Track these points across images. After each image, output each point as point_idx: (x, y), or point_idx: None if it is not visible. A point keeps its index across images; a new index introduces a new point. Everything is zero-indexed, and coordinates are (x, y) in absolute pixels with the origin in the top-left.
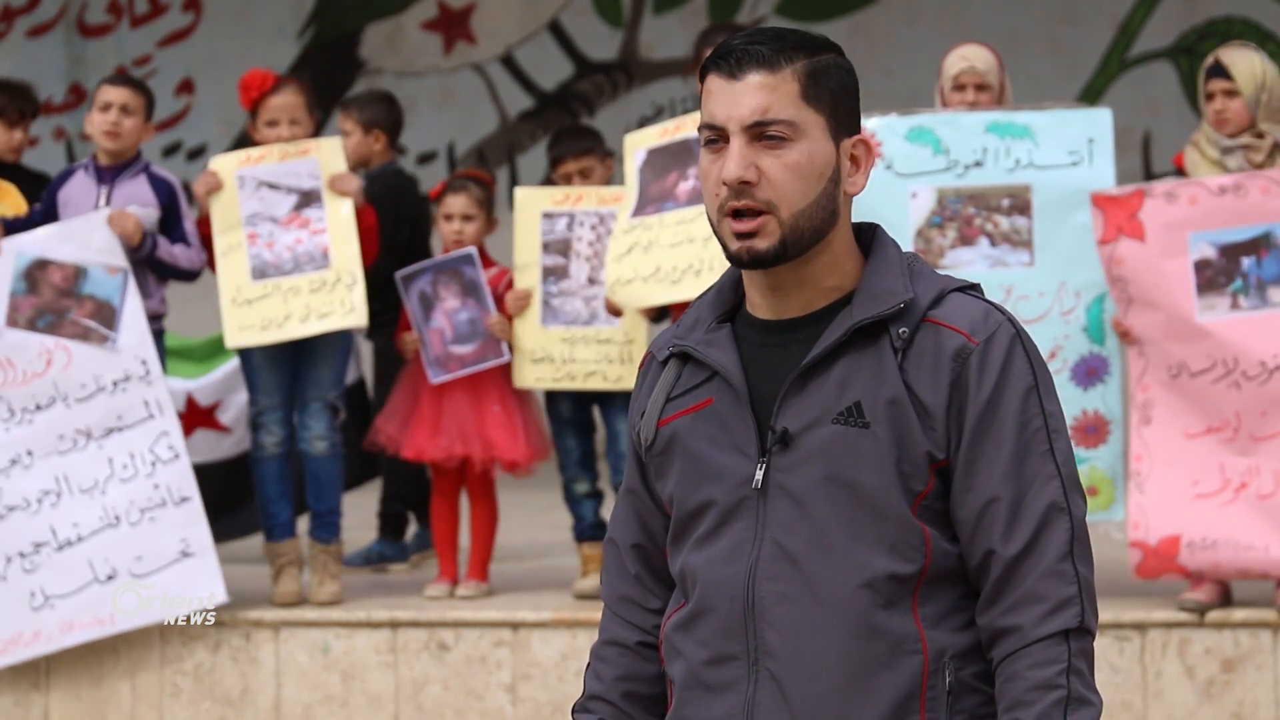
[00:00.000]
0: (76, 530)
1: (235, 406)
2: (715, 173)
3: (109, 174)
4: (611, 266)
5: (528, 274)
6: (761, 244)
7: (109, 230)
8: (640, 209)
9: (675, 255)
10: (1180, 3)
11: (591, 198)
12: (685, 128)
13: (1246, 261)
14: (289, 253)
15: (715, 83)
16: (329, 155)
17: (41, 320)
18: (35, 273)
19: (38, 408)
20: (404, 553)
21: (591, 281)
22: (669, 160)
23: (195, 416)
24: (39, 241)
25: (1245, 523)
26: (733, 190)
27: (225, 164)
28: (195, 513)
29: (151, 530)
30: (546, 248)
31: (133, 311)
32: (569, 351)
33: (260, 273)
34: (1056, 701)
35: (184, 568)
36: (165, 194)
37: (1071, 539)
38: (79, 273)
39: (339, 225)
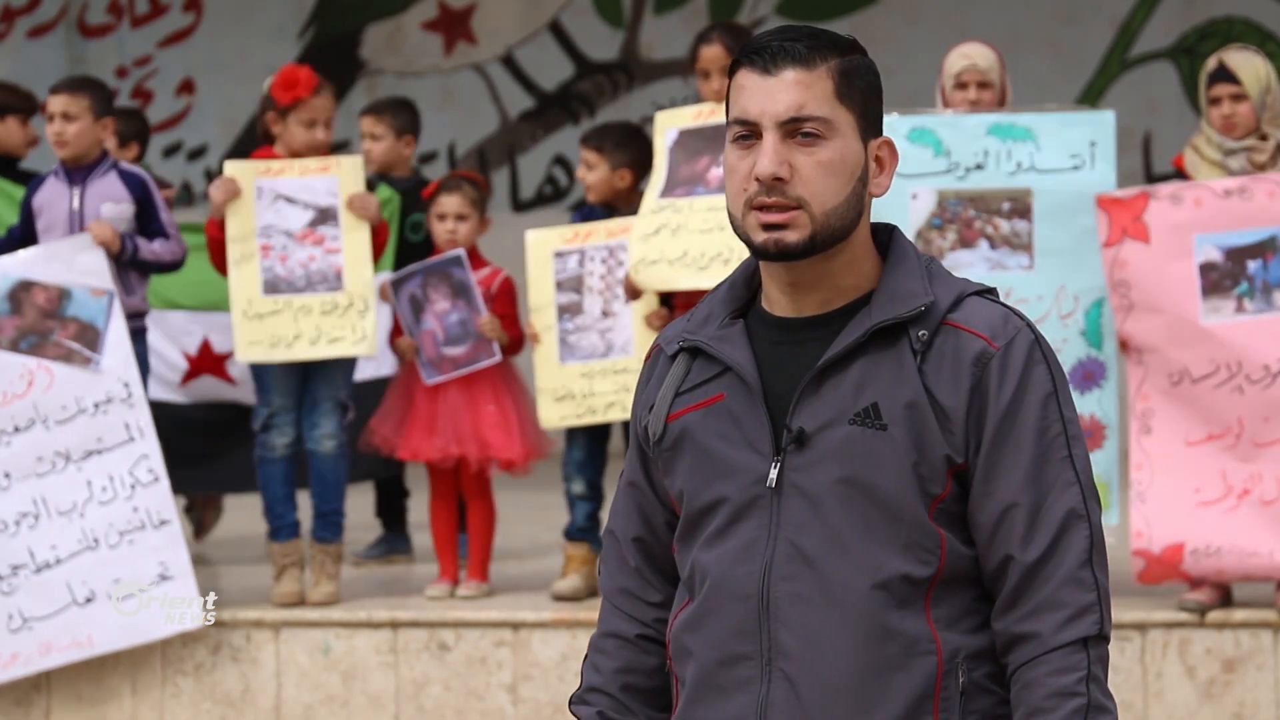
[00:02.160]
0: (55, 553)
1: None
2: (745, 168)
3: (78, 175)
4: (636, 245)
5: (544, 314)
6: (791, 237)
7: (94, 252)
8: (669, 190)
9: (704, 241)
10: (1181, 3)
11: (600, 232)
12: (720, 113)
13: (1252, 265)
14: (301, 269)
15: (748, 78)
16: (349, 174)
17: (25, 341)
18: (19, 294)
19: (16, 430)
20: (409, 544)
21: (605, 314)
22: (701, 144)
23: (206, 361)
24: (23, 263)
25: (1249, 529)
26: (764, 186)
27: (243, 171)
28: (174, 536)
29: (130, 553)
30: (560, 286)
31: (116, 333)
32: (588, 386)
33: (272, 287)
34: (1077, 709)
35: (161, 591)
36: (138, 188)
37: (1090, 546)
38: (63, 294)
39: (355, 248)
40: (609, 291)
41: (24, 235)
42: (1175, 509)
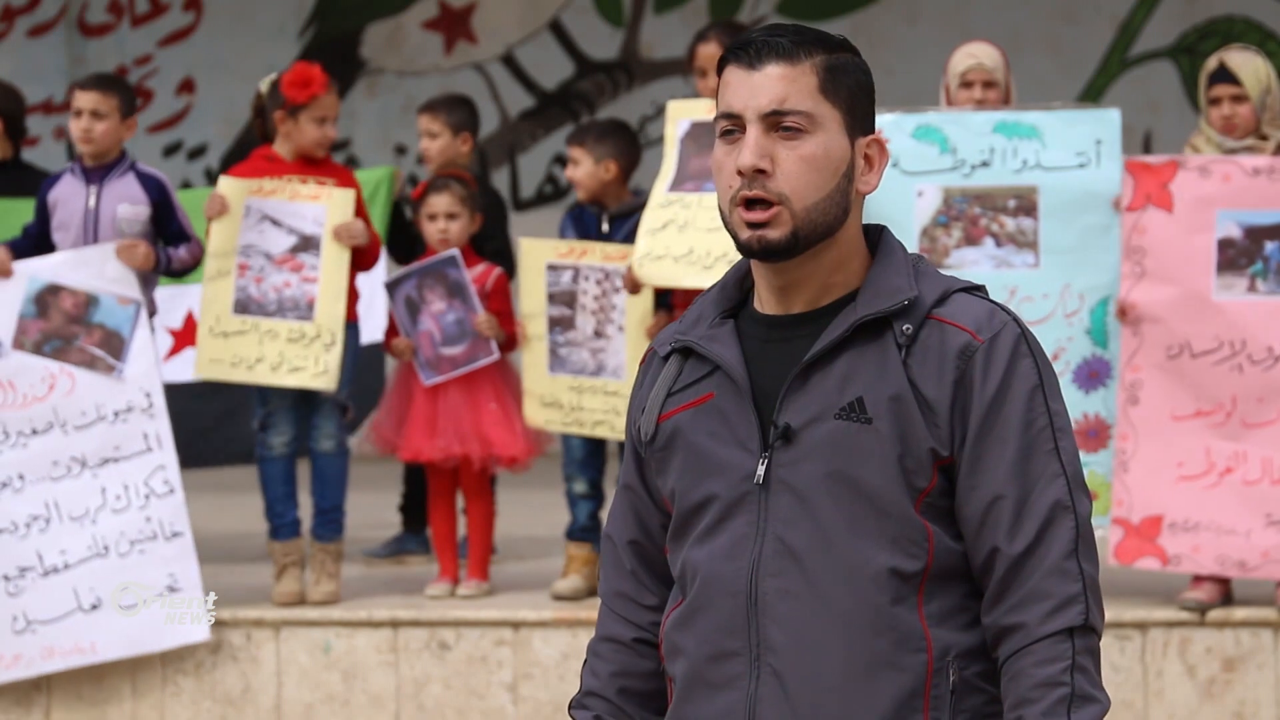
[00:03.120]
0: (64, 557)
1: None
2: (730, 163)
3: (96, 174)
4: (643, 239)
5: (535, 323)
6: (773, 234)
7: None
8: (679, 183)
9: (710, 240)
10: (1181, 2)
11: (596, 253)
12: None
13: (1270, 245)
14: (275, 293)
15: (734, 73)
16: (339, 207)
17: (48, 345)
18: (47, 297)
19: (34, 432)
20: (427, 545)
21: (598, 334)
22: (713, 137)
23: (189, 333)
24: (53, 267)
25: (1228, 507)
26: (747, 179)
27: (235, 189)
28: (186, 548)
29: (140, 562)
30: (552, 298)
31: (141, 343)
32: (577, 399)
33: (242, 307)
34: (1060, 699)
35: (168, 603)
36: (155, 191)
37: (1076, 537)
38: (90, 300)
39: (332, 280)
40: (602, 314)
41: (40, 232)
42: (1156, 480)
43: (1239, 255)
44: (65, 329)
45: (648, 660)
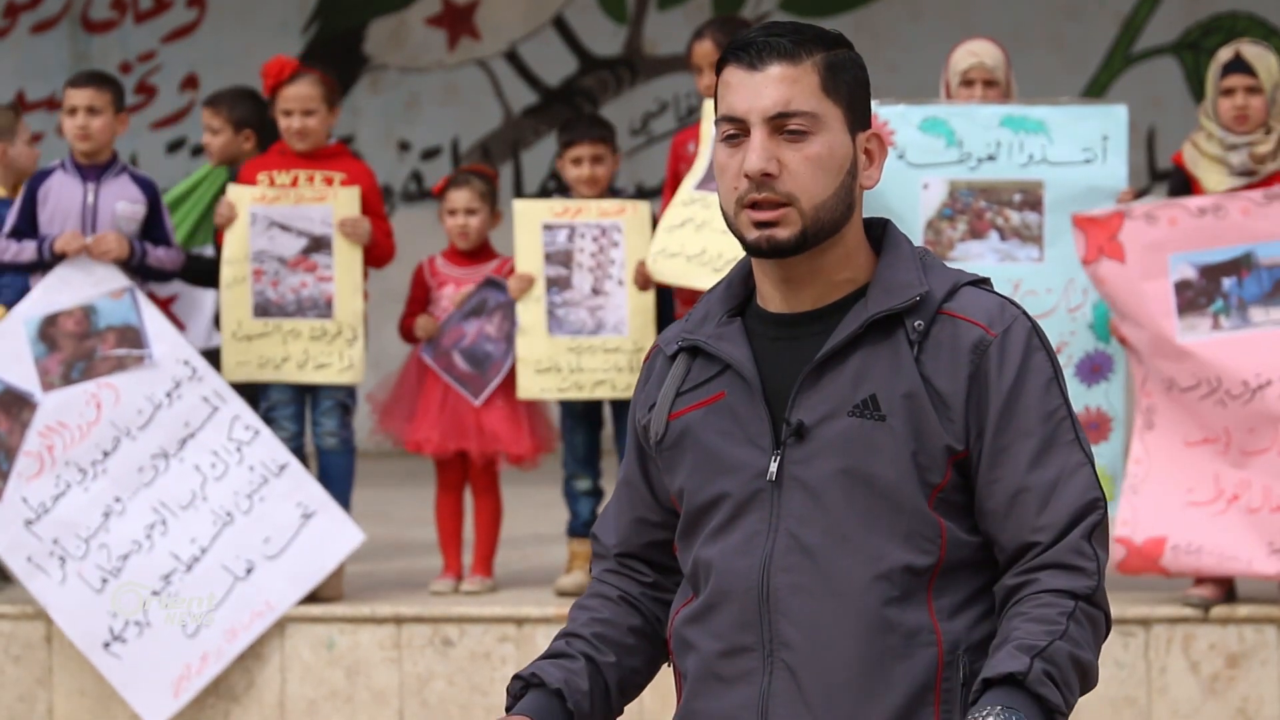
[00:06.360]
0: (197, 544)
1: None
2: (735, 166)
3: (92, 172)
4: (660, 234)
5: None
6: (782, 233)
7: (96, 260)
8: (706, 181)
9: (723, 242)
10: None
11: (592, 210)
12: None
13: (1227, 282)
14: (293, 295)
15: (735, 74)
16: (345, 205)
17: (74, 371)
18: (48, 330)
19: (105, 455)
20: None
21: (595, 292)
22: None
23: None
24: (38, 301)
25: (1233, 534)
26: (754, 183)
27: (240, 196)
28: (298, 475)
29: (265, 510)
30: (549, 258)
31: (154, 322)
32: (576, 361)
33: (262, 310)
34: (1048, 632)
35: (312, 529)
36: (150, 192)
37: (1095, 524)
38: (88, 311)
39: (347, 277)
40: (600, 270)
41: (28, 228)
42: (1165, 505)
43: (1198, 295)
44: (80, 349)
45: (632, 617)
